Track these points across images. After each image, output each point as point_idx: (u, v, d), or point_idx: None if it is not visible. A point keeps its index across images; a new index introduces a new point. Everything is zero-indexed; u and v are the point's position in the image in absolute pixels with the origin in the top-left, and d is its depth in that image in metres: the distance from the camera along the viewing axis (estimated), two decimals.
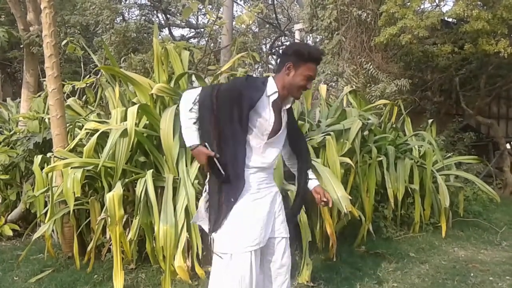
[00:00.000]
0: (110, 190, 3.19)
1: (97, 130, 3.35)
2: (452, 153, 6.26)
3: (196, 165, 3.22)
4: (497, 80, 8.16)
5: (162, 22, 15.15)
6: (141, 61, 5.92)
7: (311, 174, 2.20)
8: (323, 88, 4.91)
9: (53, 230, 3.71)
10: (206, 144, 1.90)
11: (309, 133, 3.97)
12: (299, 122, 3.90)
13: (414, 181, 4.59)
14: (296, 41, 11.24)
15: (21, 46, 7.07)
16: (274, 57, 18.59)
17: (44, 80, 3.91)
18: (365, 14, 6.99)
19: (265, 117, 1.93)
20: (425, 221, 4.70)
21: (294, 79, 1.93)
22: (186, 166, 3.25)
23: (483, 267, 3.74)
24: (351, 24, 7.22)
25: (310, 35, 10.83)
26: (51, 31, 3.56)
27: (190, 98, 1.96)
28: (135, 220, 3.14)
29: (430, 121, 5.78)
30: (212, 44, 9.76)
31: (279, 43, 18.24)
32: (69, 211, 3.29)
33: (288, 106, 2.05)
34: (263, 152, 1.97)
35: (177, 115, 3.33)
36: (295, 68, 1.92)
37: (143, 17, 12.37)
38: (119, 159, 3.20)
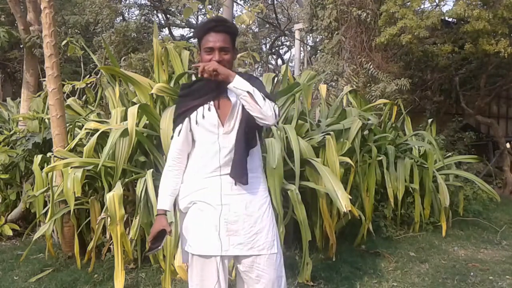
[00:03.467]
0: (110, 189, 3.19)
1: (97, 130, 3.36)
2: (452, 153, 6.25)
3: None
4: (497, 80, 8.15)
5: (162, 22, 15.14)
6: (141, 60, 5.93)
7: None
8: (323, 87, 4.91)
9: (53, 230, 3.71)
10: (167, 218, 1.95)
11: (309, 132, 3.98)
12: (299, 121, 3.90)
13: (414, 181, 4.59)
14: (296, 41, 11.24)
15: (21, 46, 7.06)
16: (274, 56, 18.61)
17: (44, 80, 3.91)
18: (365, 14, 6.98)
19: (205, 113, 1.89)
20: (425, 220, 4.70)
21: (202, 59, 1.88)
22: None
23: (483, 266, 3.74)
24: (351, 24, 7.21)
25: (310, 34, 10.83)
26: (51, 31, 3.57)
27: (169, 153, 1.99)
28: (135, 220, 3.15)
29: (430, 120, 5.78)
30: None
31: (279, 43, 18.24)
32: (69, 210, 3.29)
33: (231, 93, 1.87)
34: (224, 152, 1.88)
35: None
36: (200, 51, 1.92)
37: (143, 17, 12.37)
38: (119, 158, 3.20)
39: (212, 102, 1.89)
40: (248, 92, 1.75)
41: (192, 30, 16.89)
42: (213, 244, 1.82)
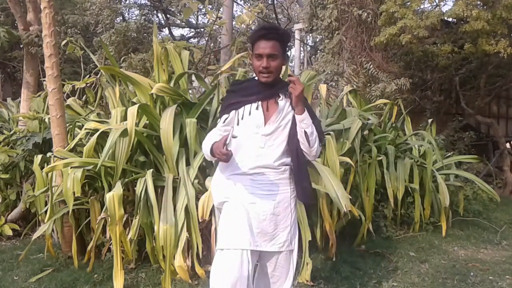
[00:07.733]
0: (110, 189, 3.19)
1: (97, 130, 3.35)
2: (452, 153, 6.25)
3: (196, 164, 3.23)
4: (497, 80, 8.15)
5: (162, 22, 15.16)
6: (141, 60, 5.93)
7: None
8: (323, 87, 4.91)
9: (53, 230, 3.71)
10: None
11: None
12: None
13: (414, 181, 4.59)
14: (296, 41, 11.24)
15: (21, 46, 7.06)
16: None
17: (44, 80, 3.91)
18: (365, 14, 6.98)
19: (253, 110, 1.97)
20: (425, 220, 4.70)
21: (253, 63, 1.99)
22: (186, 165, 3.25)
23: (483, 266, 3.74)
24: (351, 23, 7.21)
25: (310, 34, 10.83)
26: (51, 31, 3.57)
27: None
28: (135, 220, 3.15)
29: (430, 120, 5.78)
30: (212, 44, 9.76)
31: None
32: (69, 210, 3.29)
33: (281, 96, 2.01)
34: (260, 152, 1.97)
35: (177, 115, 3.35)
36: (252, 54, 2.00)
37: (143, 17, 12.37)
38: (119, 158, 3.20)
39: (260, 103, 1.97)
40: (305, 131, 1.91)
41: (192, 30, 16.91)
42: (243, 238, 1.90)
